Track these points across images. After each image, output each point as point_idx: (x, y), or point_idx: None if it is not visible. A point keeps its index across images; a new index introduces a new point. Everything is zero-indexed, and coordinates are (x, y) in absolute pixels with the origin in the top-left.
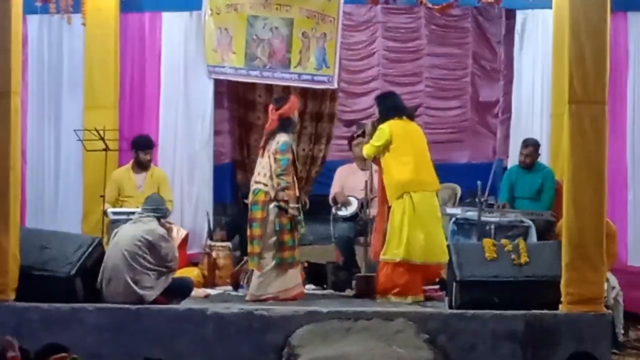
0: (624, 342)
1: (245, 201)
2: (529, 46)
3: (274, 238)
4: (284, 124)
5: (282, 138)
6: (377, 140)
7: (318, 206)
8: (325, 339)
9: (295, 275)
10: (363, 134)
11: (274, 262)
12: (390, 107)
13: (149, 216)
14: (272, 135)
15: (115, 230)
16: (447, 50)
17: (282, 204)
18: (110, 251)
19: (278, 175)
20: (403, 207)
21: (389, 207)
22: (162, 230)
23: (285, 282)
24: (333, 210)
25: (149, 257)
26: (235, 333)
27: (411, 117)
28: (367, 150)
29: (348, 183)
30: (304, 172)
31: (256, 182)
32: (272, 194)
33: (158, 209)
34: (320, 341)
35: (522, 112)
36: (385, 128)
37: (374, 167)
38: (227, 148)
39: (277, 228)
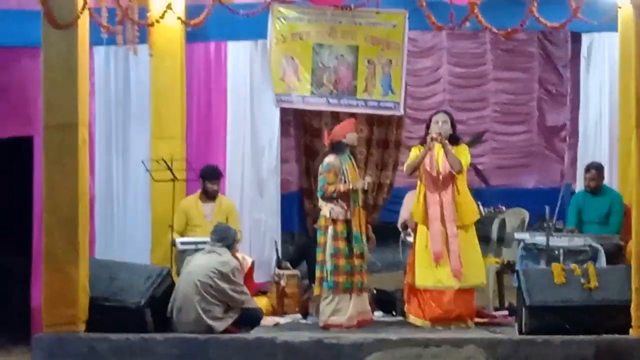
0: None
1: (315, 226)
2: (596, 69)
3: (330, 262)
4: (334, 147)
5: (326, 159)
6: (465, 164)
7: (386, 233)
8: None
9: (360, 302)
10: None
11: (326, 286)
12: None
13: (222, 247)
14: (322, 158)
15: (188, 259)
16: (513, 75)
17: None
18: (182, 280)
19: (319, 195)
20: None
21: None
22: (235, 263)
23: (351, 308)
24: (402, 235)
25: (220, 289)
26: None
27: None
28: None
29: None
30: (371, 199)
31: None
32: (329, 216)
33: (224, 239)
34: None
35: (590, 135)
36: (468, 152)
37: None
38: (294, 176)
39: (332, 252)
